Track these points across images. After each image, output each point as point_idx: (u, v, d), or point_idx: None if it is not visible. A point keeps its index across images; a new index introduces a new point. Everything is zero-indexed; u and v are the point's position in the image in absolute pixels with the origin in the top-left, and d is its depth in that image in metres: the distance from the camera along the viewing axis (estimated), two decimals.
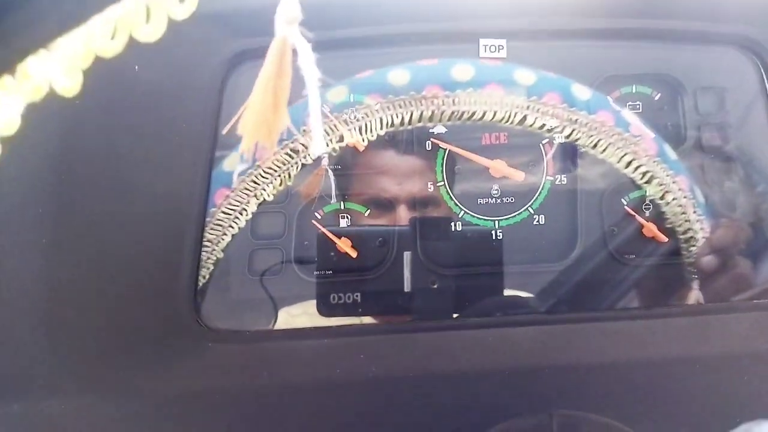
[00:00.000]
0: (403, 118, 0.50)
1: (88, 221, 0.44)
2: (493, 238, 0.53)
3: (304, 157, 0.50)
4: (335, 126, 0.50)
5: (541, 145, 0.54)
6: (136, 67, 0.44)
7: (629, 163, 0.53)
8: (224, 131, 0.28)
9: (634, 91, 0.55)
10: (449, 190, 0.53)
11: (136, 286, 0.45)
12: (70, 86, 0.23)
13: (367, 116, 0.50)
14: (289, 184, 0.51)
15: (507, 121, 0.51)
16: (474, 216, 0.54)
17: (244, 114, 0.25)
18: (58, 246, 0.43)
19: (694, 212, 0.54)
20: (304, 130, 0.49)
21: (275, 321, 0.52)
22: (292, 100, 0.48)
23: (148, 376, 0.45)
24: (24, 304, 0.44)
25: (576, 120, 0.52)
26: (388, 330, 0.48)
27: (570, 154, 0.54)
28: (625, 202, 0.54)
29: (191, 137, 0.47)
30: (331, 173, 0.51)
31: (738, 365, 0.47)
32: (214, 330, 0.48)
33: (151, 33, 0.25)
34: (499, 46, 0.51)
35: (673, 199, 0.53)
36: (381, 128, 0.51)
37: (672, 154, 0.54)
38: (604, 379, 0.47)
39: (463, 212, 0.54)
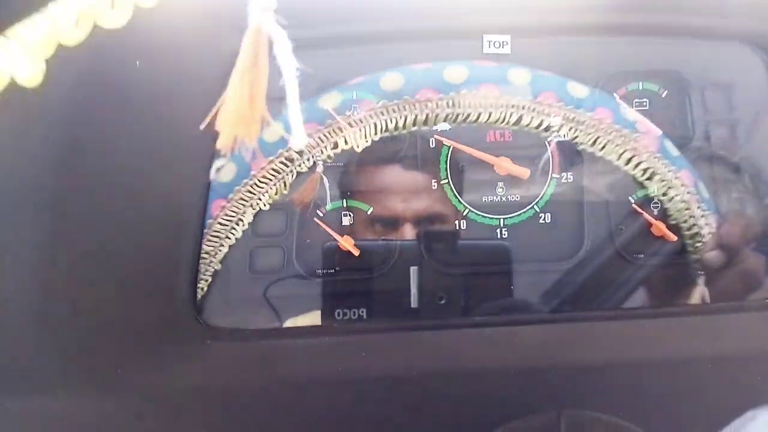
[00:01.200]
0: (397, 123, 0.50)
1: (88, 220, 0.44)
2: (501, 249, 0.52)
3: (299, 165, 0.50)
4: (334, 130, 0.50)
5: (546, 142, 0.53)
6: (138, 63, 0.43)
7: (629, 160, 0.52)
8: (202, 127, 0.28)
9: (640, 88, 0.54)
10: (453, 188, 0.53)
11: (137, 286, 0.44)
12: (30, 76, 0.23)
13: (362, 122, 0.50)
14: (285, 192, 0.51)
15: (503, 122, 0.50)
16: (479, 214, 0.53)
17: (220, 109, 0.25)
18: (55, 243, 0.43)
19: (699, 208, 0.53)
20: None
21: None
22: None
23: (149, 375, 0.45)
24: (23, 303, 0.44)
25: (573, 118, 0.51)
26: (391, 328, 0.47)
27: (576, 151, 0.53)
28: (632, 200, 0.54)
29: (192, 137, 0.46)
30: (326, 180, 0.51)
31: (748, 365, 0.46)
32: (215, 328, 0.47)
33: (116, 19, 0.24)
34: (503, 42, 0.50)
35: (676, 195, 0.52)
36: (376, 133, 0.50)
37: (673, 150, 0.53)
38: (612, 378, 0.46)
39: (467, 210, 0.53)
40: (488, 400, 0.45)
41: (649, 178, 0.52)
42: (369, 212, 0.53)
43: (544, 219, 0.53)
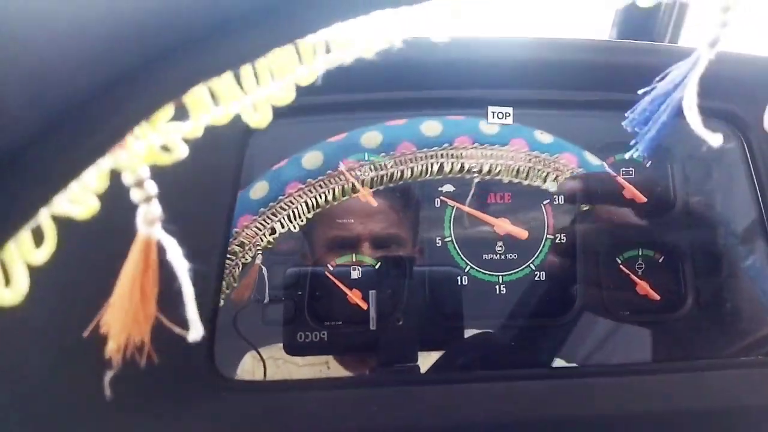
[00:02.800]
0: (432, 169, 0.54)
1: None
2: (458, 283, 0.56)
3: (243, 257, 0.52)
4: (268, 216, 0.53)
5: (542, 205, 0.57)
6: None
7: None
8: (85, 334, 0.28)
9: (627, 157, 0.59)
10: (456, 246, 0.56)
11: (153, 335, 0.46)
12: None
13: (400, 164, 0.54)
14: (235, 285, 0.52)
15: (527, 177, 0.55)
16: (479, 271, 0.56)
17: (107, 313, 0.25)
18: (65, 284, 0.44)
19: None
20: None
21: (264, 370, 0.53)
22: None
23: (162, 424, 0.46)
24: (33, 344, 0.44)
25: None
26: (403, 381, 0.49)
27: (570, 214, 0.57)
28: (618, 261, 0.58)
29: (212, 193, 0.49)
30: (265, 270, 0.53)
31: (740, 419, 0.50)
32: (230, 380, 0.48)
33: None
34: (506, 113, 0.54)
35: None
36: (411, 177, 0.54)
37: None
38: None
39: (469, 267, 0.56)
40: None
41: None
42: (377, 266, 0.55)
43: (539, 276, 0.57)
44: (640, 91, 0.32)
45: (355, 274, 0.54)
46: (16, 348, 0.43)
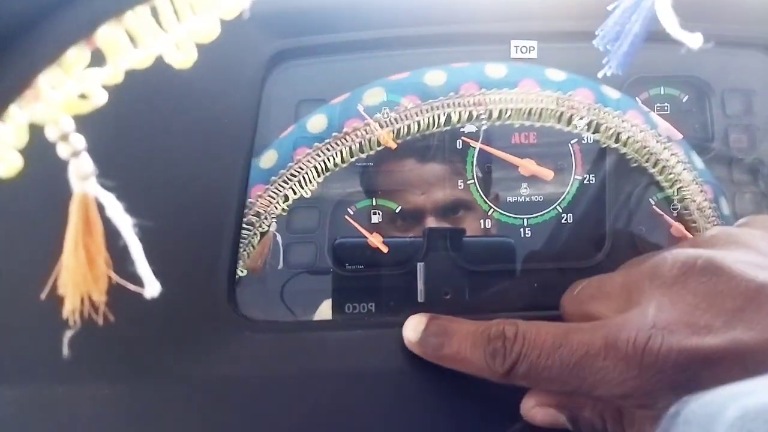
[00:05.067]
0: (438, 120, 0.52)
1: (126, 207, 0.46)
2: (505, 246, 0.54)
3: (260, 226, 0.52)
4: (369, 127, 0.52)
5: (570, 144, 0.55)
6: None
7: (656, 164, 0.54)
8: (43, 296, 0.28)
9: (662, 92, 0.56)
10: (479, 188, 0.54)
11: (177, 278, 0.47)
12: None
13: (405, 119, 0.52)
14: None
15: (540, 118, 0.52)
16: (503, 214, 0.55)
17: (59, 276, 0.24)
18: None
19: (717, 224, 0.55)
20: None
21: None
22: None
23: (186, 363, 0.47)
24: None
25: (607, 117, 0.53)
26: None
27: (598, 154, 0.55)
28: (653, 202, 0.55)
29: (231, 134, 0.49)
30: (279, 238, 0.53)
31: None
32: (251, 320, 0.49)
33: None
34: (530, 47, 0.52)
35: (697, 208, 0.54)
36: (417, 131, 0.52)
37: (699, 163, 0.55)
38: None
39: (492, 210, 0.55)
40: (507, 398, 0.46)
41: (671, 186, 0.54)
42: (396, 210, 0.54)
43: (567, 219, 0.55)
44: (609, 7, 0.29)
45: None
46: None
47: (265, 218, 0.52)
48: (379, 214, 0.54)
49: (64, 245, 0.25)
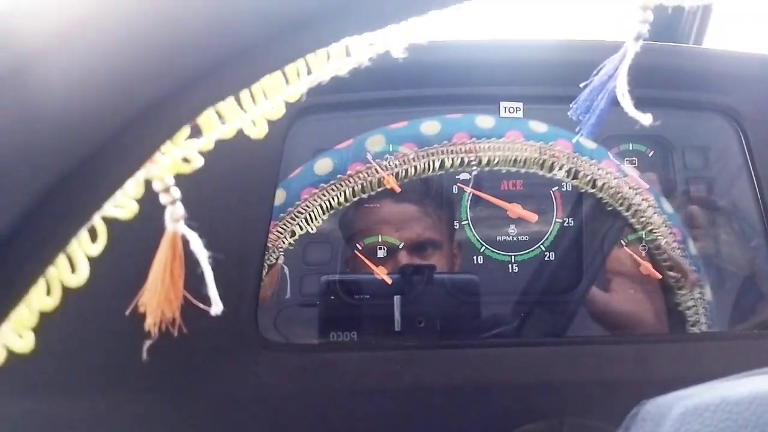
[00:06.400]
0: (433, 166, 0.59)
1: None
2: (474, 282, 0.61)
3: (267, 259, 0.57)
4: (375, 170, 0.59)
5: (551, 192, 0.62)
6: None
7: (629, 208, 0.61)
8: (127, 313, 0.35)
9: (630, 148, 0.64)
10: (472, 228, 0.62)
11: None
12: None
13: (403, 164, 0.59)
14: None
15: (525, 165, 0.60)
16: (493, 251, 0.62)
17: (144, 294, 0.29)
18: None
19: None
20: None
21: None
22: None
23: (207, 382, 0.52)
24: (82, 305, 0.51)
25: (585, 165, 0.61)
26: (427, 346, 0.56)
27: (576, 200, 0.63)
28: (623, 243, 0.63)
29: (258, 178, 0.55)
30: (287, 270, 0.59)
31: None
32: (271, 341, 0.55)
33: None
34: (516, 108, 0.60)
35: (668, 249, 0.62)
36: (415, 175, 0.60)
37: (669, 207, 0.63)
38: (610, 395, 0.55)
39: (484, 247, 0.62)
40: (503, 412, 0.53)
41: (643, 228, 0.62)
42: (400, 246, 0.61)
43: (549, 257, 0.62)
44: (581, 84, 0.36)
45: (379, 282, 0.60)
46: (77, 324, 0.50)
47: (273, 251, 0.58)
48: (384, 249, 0.61)
49: (150, 272, 0.31)
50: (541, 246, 0.62)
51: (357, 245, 0.61)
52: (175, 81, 0.27)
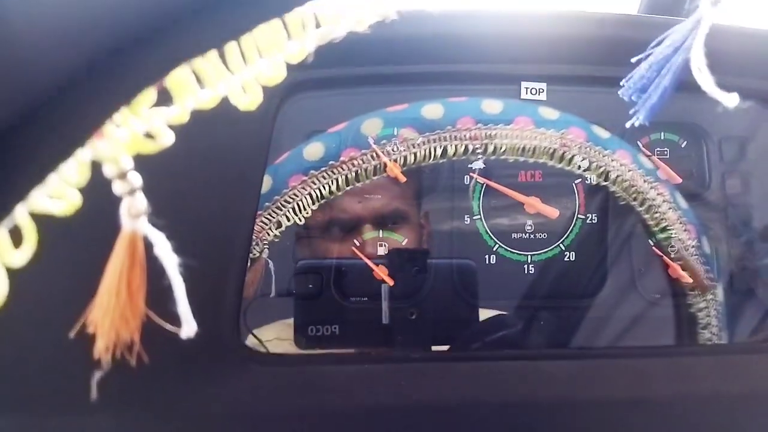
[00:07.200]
0: (442, 152, 0.52)
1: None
2: (466, 268, 0.54)
3: (251, 252, 0.50)
4: (376, 155, 0.52)
5: (573, 184, 0.56)
6: None
7: (643, 202, 0.55)
8: (71, 334, 0.27)
9: (662, 137, 0.57)
10: (485, 224, 0.55)
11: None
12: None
13: (403, 150, 0.52)
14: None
15: (534, 154, 0.53)
16: (507, 250, 0.55)
17: (93, 312, 0.24)
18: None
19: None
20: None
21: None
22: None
23: (189, 397, 0.46)
24: (59, 314, 0.44)
25: (598, 156, 0.54)
26: (429, 358, 0.49)
27: (602, 193, 0.56)
28: (651, 243, 0.56)
29: (241, 164, 0.48)
30: (271, 265, 0.53)
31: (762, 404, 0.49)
32: (257, 352, 0.48)
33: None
34: (539, 89, 0.53)
35: (682, 247, 0.56)
36: (415, 162, 0.52)
37: (683, 203, 0.57)
38: (632, 414, 0.49)
39: (497, 246, 0.55)
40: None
41: (657, 225, 0.55)
42: (403, 242, 0.55)
43: (569, 257, 0.56)
44: (633, 59, 0.31)
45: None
46: (20, 344, 0.42)
47: (257, 244, 0.51)
48: (385, 246, 0.54)
49: (101, 284, 0.24)
50: (561, 245, 0.56)
51: (355, 241, 0.54)
52: (138, 27, 0.20)
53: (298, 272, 0.53)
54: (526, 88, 0.53)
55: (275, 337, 0.54)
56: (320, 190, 0.52)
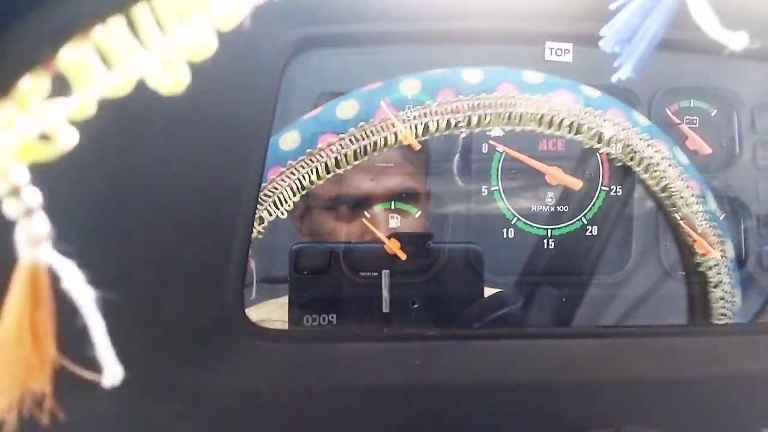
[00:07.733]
0: (416, 132, 0.49)
1: (134, 209, 0.41)
2: (472, 252, 0.51)
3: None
4: (392, 124, 0.48)
5: (598, 154, 0.53)
6: None
7: (640, 162, 0.51)
8: None
9: (691, 105, 0.54)
10: (503, 196, 0.52)
11: (185, 283, 0.43)
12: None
13: (426, 116, 0.49)
14: None
15: (520, 122, 0.50)
16: (527, 223, 0.52)
17: None
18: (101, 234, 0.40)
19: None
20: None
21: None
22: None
23: (193, 373, 0.43)
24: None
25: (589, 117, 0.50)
26: (442, 336, 0.46)
27: (627, 165, 0.53)
28: (679, 217, 0.53)
29: (248, 124, 0.45)
30: (253, 264, 0.50)
31: None
32: (263, 328, 0.45)
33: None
34: (565, 50, 0.50)
35: (685, 204, 0.52)
36: (395, 143, 0.49)
37: (684, 159, 0.53)
38: (661, 394, 0.46)
39: (516, 219, 0.52)
40: (542, 413, 0.44)
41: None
42: (416, 213, 0.51)
43: (591, 231, 0.53)
44: (612, 6, 0.27)
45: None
46: None
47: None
48: (397, 218, 0.51)
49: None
50: (583, 218, 0.53)
51: (366, 213, 0.51)
52: None
53: (293, 255, 0.49)
54: (551, 49, 0.50)
55: (267, 317, 0.51)
56: (300, 181, 0.48)
